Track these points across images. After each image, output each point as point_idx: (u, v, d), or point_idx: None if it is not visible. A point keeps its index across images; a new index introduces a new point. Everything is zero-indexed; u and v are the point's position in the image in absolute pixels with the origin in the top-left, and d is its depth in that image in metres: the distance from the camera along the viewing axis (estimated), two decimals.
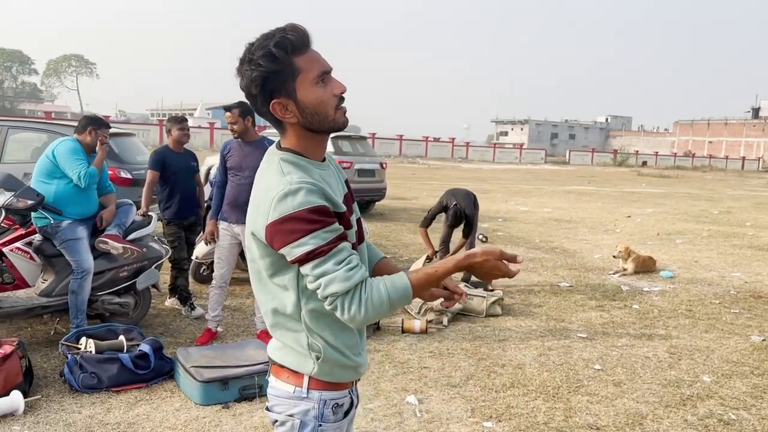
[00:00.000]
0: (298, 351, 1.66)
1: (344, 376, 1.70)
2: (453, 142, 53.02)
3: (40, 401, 3.69)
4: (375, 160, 12.80)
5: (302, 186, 1.53)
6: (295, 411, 1.67)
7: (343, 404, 1.72)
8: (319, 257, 1.51)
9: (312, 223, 1.51)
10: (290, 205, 1.51)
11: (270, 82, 1.58)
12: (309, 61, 1.60)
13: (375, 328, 5.29)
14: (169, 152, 5.46)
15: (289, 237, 1.51)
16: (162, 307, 5.71)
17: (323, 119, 1.63)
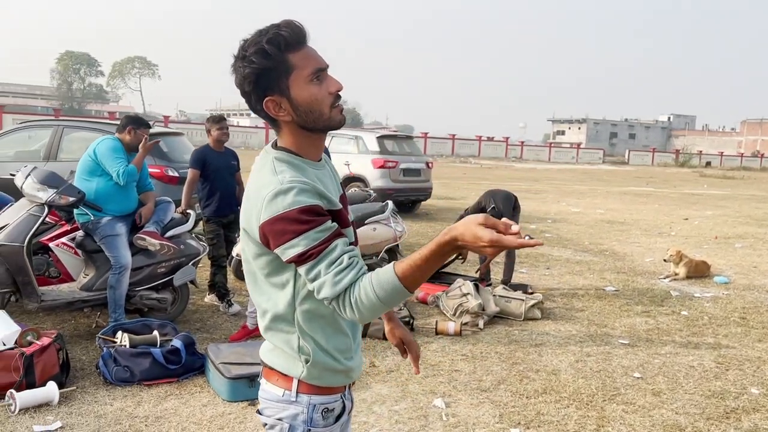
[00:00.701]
0: (288, 353, 1.64)
1: (334, 380, 1.67)
2: (507, 141, 52.31)
3: (75, 392, 3.80)
4: (421, 159, 12.74)
5: (293, 185, 1.50)
6: (283, 415, 1.65)
7: (334, 409, 1.68)
8: (312, 260, 1.47)
9: (303, 223, 1.47)
10: (281, 204, 1.48)
11: (263, 80, 1.55)
12: (303, 58, 1.57)
13: (409, 328, 5.25)
14: (209, 151, 5.56)
15: (281, 238, 1.48)
16: (201, 304, 5.82)
17: (318, 117, 1.59)
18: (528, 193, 19.52)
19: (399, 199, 12.36)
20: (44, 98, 70.45)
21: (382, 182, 11.72)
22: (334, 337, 1.65)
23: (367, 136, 12.50)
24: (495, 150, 50.25)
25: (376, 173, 11.73)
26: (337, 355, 1.65)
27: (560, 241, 10.49)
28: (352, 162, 12.04)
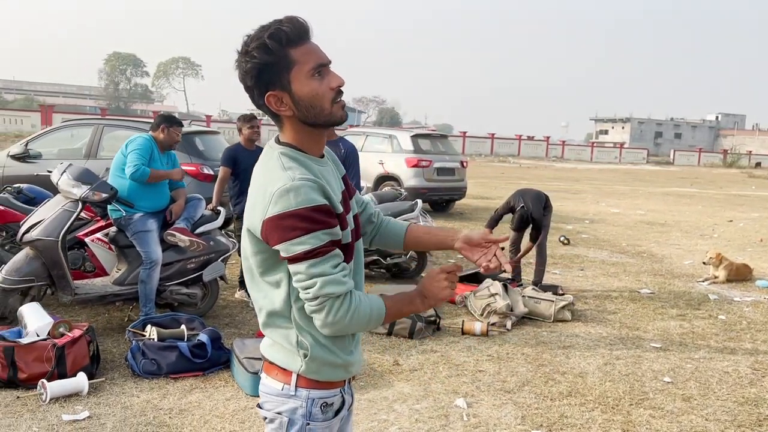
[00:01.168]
0: (287, 348, 1.65)
1: (333, 374, 1.67)
2: (548, 140, 51.61)
3: (104, 383, 3.91)
4: (455, 158, 12.67)
5: (305, 183, 1.51)
6: (283, 409, 1.66)
7: (333, 403, 1.69)
8: (317, 257, 1.50)
9: (314, 222, 1.49)
10: (292, 201, 1.49)
11: (265, 74, 1.57)
12: (305, 53, 1.57)
13: (435, 328, 5.23)
14: (240, 150, 5.64)
15: (289, 234, 1.49)
16: (231, 299, 5.91)
17: (319, 113, 1.60)
18: (567, 194, 19.24)
19: (433, 199, 12.35)
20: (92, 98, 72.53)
21: (416, 181, 11.71)
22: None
23: (402, 135, 12.50)
24: (535, 149, 49.62)
25: (410, 172, 11.72)
26: (336, 349, 1.66)
27: (596, 242, 10.31)
28: (386, 161, 12.06)
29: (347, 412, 1.82)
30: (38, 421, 3.38)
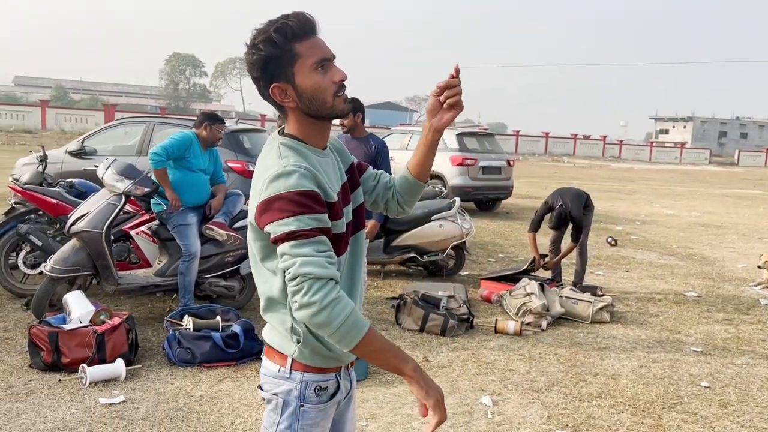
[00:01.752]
0: (282, 333, 1.71)
1: (325, 362, 1.71)
2: (604, 140, 50.40)
3: (141, 370, 4.07)
4: (501, 157, 12.54)
5: (296, 169, 1.55)
6: (279, 390, 1.72)
7: (327, 387, 1.73)
8: (300, 239, 1.52)
9: (300, 206, 1.53)
10: (282, 185, 1.53)
11: (270, 67, 1.62)
12: (309, 47, 1.62)
13: (468, 326, 5.22)
14: None
15: (276, 215, 1.53)
16: None
17: (321, 105, 1.64)
18: (620, 194, 18.80)
19: (478, 197, 12.28)
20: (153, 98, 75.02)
21: (461, 180, 11.66)
22: None
23: (447, 133, 12.42)
24: (591, 149, 48.56)
25: (455, 171, 11.67)
26: (327, 341, 1.69)
27: (646, 243, 10.04)
28: None
29: (346, 398, 1.86)
30: (77, 403, 3.56)
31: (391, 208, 2.02)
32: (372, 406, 3.75)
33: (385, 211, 2.05)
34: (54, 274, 4.53)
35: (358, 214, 1.83)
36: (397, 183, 1.99)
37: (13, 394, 3.62)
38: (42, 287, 4.59)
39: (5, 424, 3.27)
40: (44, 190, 5.53)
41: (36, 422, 3.31)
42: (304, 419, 1.71)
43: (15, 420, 3.32)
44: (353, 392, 1.91)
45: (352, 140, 4.96)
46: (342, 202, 1.71)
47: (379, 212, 2.08)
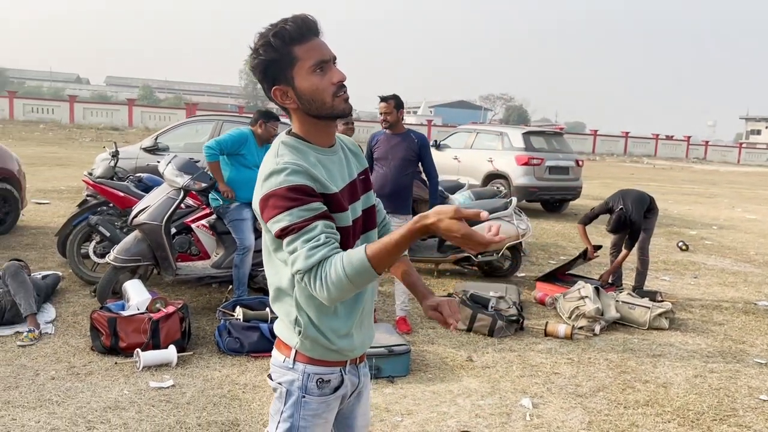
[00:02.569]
0: (287, 324, 1.76)
1: (327, 356, 1.75)
2: (688, 140, 48.13)
3: (192, 357, 4.26)
4: (569, 156, 12.23)
5: (287, 166, 1.61)
6: (283, 379, 1.78)
7: (330, 380, 1.77)
8: (292, 234, 1.57)
9: (290, 200, 1.58)
10: (273, 182, 1.59)
11: (270, 70, 1.68)
12: (307, 50, 1.67)
13: (518, 328, 5.15)
14: None
15: (271, 212, 1.60)
16: None
17: (320, 106, 1.69)
18: (700, 197, 17.97)
19: (544, 198, 12.04)
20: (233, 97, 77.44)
21: (526, 180, 11.46)
22: (328, 318, 1.72)
23: (513, 131, 12.28)
24: (674, 150, 46.49)
25: (520, 170, 11.49)
26: (329, 334, 1.73)
27: (720, 249, 9.57)
28: (496, 158, 11.91)
29: (355, 394, 1.89)
30: (129, 386, 3.76)
31: None
32: (409, 402, 3.78)
33: None
34: (117, 263, 4.79)
35: (369, 214, 1.87)
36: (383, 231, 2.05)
37: (73, 374, 3.87)
38: (106, 275, 4.87)
39: (63, 401, 3.51)
40: (113, 183, 5.85)
41: (90, 401, 3.53)
42: (306, 410, 1.76)
43: (72, 398, 3.55)
44: (364, 388, 1.93)
45: (393, 136, 4.99)
46: (348, 198, 1.75)
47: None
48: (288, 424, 1.77)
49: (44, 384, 3.70)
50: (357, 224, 1.78)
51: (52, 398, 3.53)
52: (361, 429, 2.00)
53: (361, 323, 1.82)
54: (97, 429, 3.22)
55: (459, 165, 12.52)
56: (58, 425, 3.23)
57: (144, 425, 3.29)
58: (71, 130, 30.57)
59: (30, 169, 14.14)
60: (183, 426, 3.32)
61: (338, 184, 1.72)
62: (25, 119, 33.36)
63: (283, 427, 1.78)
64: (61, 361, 4.03)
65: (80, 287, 5.64)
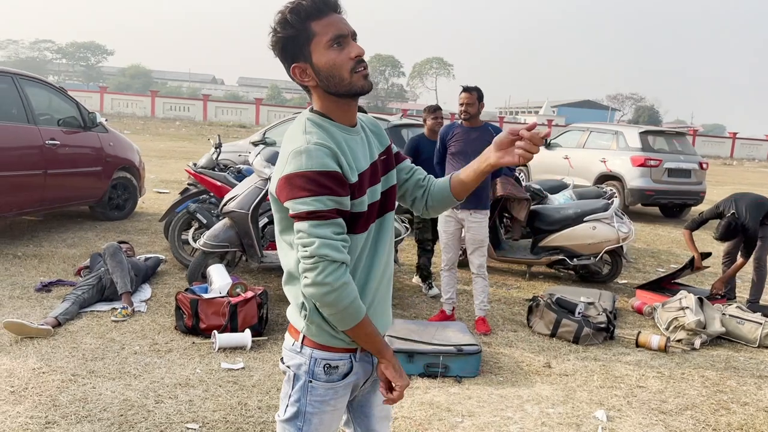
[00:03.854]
0: (294, 308, 1.74)
1: (333, 341, 1.70)
2: None
3: (266, 342, 4.36)
4: (692, 159, 11.34)
5: (319, 147, 1.56)
6: (291, 363, 1.75)
7: (338, 367, 1.72)
8: (319, 220, 1.54)
9: (321, 186, 1.54)
10: (305, 162, 1.54)
11: (288, 47, 1.65)
12: (325, 25, 1.62)
13: (608, 337, 4.84)
14: (423, 140, 5.80)
15: (297, 192, 1.55)
16: (407, 283, 6.12)
17: (339, 82, 1.64)
18: None
19: (661, 202, 11.28)
20: None
21: (641, 182, 10.76)
22: None
23: (628, 130, 11.57)
24: None
25: (635, 172, 10.81)
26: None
27: None
28: (609, 159, 11.30)
29: (369, 382, 1.84)
30: (203, 365, 3.92)
31: (417, 207, 1.99)
32: (473, 403, 3.65)
33: (410, 207, 2.03)
34: (206, 248, 5.02)
35: (388, 196, 1.80)
36: (434, 188, 1.96)
37: (154, 350, 4.09)
38: (195, 259, 5.12)
39: (140, 374, 3.71)
40: (213, 173, 6.14)
41: (165, 377, 3.71)
42: (313, 395, 1.73)
43: (149, 372, 3.76)
44: (372, 377, 1.85)
45: (471, 130, 4.83)
46: (369, 182, 1.69)
47: None
48: (295, 408, 1.75)
49: (127, 357, 3.94)
50: (374, 208, 1.72)
51: (131, 371, 3.75)
52: (380, 420, 1.95)
53: (373, 308, 1.75)
54: (164, 403, 3.37)
55: (569, 165, 12.02)
56: (130, 396, 3.42)
57: (207, 403, 3.41)
58: (203, 126, 32.64)
59: (159, 162, 15.31)
60: (244, 407, 3.40)
61: (361, 165, 1.67)
62: (163, 116, 36.14)
63: (291, 411, 1.75)
64: (146, 338, 4.28)
65: (179, 270, 5.96)
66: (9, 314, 4.45)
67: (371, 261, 1.74)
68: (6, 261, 5.88)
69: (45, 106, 6.99)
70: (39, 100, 6.86)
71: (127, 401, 3.36)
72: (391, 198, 1.83)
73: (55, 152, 6.67)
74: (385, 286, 1.80)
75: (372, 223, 1.73)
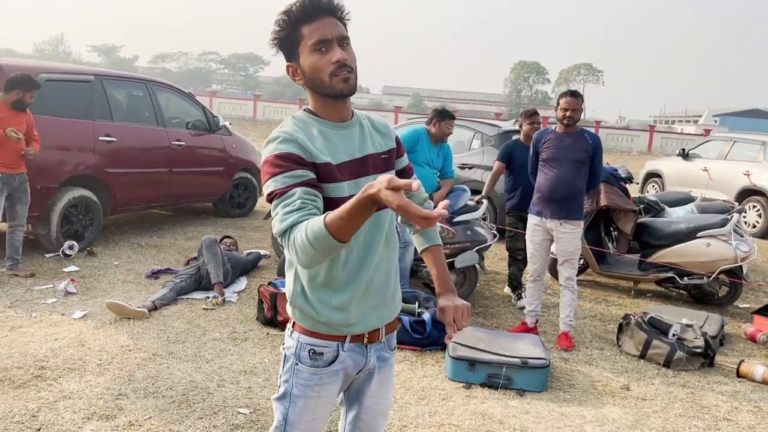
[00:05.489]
0: (288, 292, 1.82)
1: (317, 327, 1.76)
2: None
3: None
4: None
5: (279, 135, 1.67)
6: (285, 345, 1.85)
7: (323, 353, 1.77)
8: (276, 198, 1.61)
9: (276, 167, 1.63)
10: (267, 150, 1.68)
11: (283, 48, 1.75)
12: (312, 29, 1.69)
13: (706, 363, 4.42)
14: (518, 146, 5.64)
15: (264, 178, 1.67)
16: (498, 292, 5.97)
17: (319, 84, 1.71)
18: None
19: None
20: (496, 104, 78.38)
21: None
22: (319, 289, 1.73)
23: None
24: None
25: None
26: (318, 305, 1.73)
27: None
28: (755, 172, 10.25)
29: (364, 373, 1.86)
30: (272, 356, 4.09)
31: (407, 224, 2.06)
32: (528, 419, 3.50)
33: (401, 221, 2.06)
34: None
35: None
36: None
37: (231, 338, 4.35)
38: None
39: (213, 358, 3.96)
40: None
41: (234, 363, 3.93)
42: (299, 378, 1.79)
43: (221, 357, 4.00)
44: (378, 371, 1.89)
45: (565, 136, 4.59)
46: (352, 172, 1.73)
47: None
48: (283, 388, 1.83)
49: (205, 343, 4.22)
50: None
51: (205, 355, 4.01)
52: (374, 412, 1.97)
53: (365, 298, 1.77)
54: (225, 387, 3.57)
55: (708, 177, 11.07)
56: (196, 378, 3.67)
57: (264, 391, 3.56)
58: None
59: None
60: None
61: (338, 156, 1.72)
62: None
63: (281, 390, 1.84)
64: (227, 326, 4.56)
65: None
66: (117, 296, 4.94)
67: (364, 253, 1.76)
68: (130, 249, 6.52)
69: (175, 110, 7.66)
70: (169, 104, 7.54)
71: (193, 382, 3.61)
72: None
73: (180, 152, 7.29)
74: (380, 280, 1.82)
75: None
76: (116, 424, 3.09)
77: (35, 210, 5.61)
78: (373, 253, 1.77)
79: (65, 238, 6.01)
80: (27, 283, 5.15)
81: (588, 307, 5.74)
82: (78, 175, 6.08)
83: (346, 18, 1.77)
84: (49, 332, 4.18)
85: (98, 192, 6.33)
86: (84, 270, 5.62)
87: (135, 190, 6.79)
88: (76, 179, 6.09)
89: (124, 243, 6.73)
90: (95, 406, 3.25)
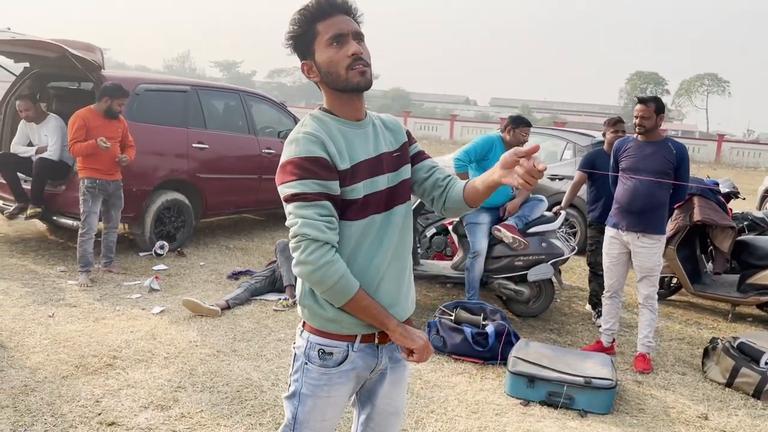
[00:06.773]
0: (297, 292, 1.84)
1: (326, 326, 1.76)
2: None
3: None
4: None
5: (306, 136, 1.68)
6: (295, 344, 1.87)
7: (333, 353, 1.77)
8: (304, 201, 1.64)
9: (305, 171, 1.65)
10: (293, 150, 1.68)
11: (298, 45, 1.78)
12: (328, 25, 1.72)
13: None
14: (600, 155, 5.38)
15: (285, 177, 1.68)
16: (579, 309, 5.69)
17: (336, 78, 1.72)
18: None
19: None
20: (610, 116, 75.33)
21: None
22: None
23: None
24: None
25: None
26: (323, 301, 1.73)
27: None
28: None
29: (376, 374, 1.86)
30: None
31: (436, 206, 1.98)
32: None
33: (430, 206, 2.02)
34: None
35: (396, 190, 1.83)
36: (452, 190, 1.93)
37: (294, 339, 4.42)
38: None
39: (272, 359, 4.04)
40: None
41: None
42: (308, 377, 1.80)
43: (281, 357, 4.06)
44: (390, 372, 1.88)
45: (646, 145, 4.31)
46: (367, 172, 1.74)
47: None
48: (293, 387, 1.85)
49: (269, 343, 4.33)
50: (374, 198, 1.75)
51: (266, 354, 4.11)
52: (387, 413, 1.96)
53: (376, 297, 1.75)
54: (278, 387, 3.64)
55: None
56: (252, 376, 3.76)
57: None
58: (446, 145, 33.85)
59: None
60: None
61: (359, 156, 1.74)
62: (415, 134, 38.25)
63: (291, 388, 1.86)
64: (293, 328, 4.65)
65: None
66: (196, 294, 5.18)
67: (374, 251, 1.76)
68: (218, 250, 6.83)
69: (267, 120, 7.97)
70: (262, 114, 7.85)
71: (249, 380, 3.71)
72: (400, 192, 1.85)
73: (269, 160, 7.55)
74: (393, 279, 1.81)
75: (375, 214, 1.76)
76: (169, 415, 3.23)
77: (131, 211, 6.01)
78: (385, 251, 1.77)
79: (158, 238, 6.39)
80: (118, 278, 5.52)
81: (677, 328, 5.35)
82: (171, 179, 6.45)
83: (359, 19, 1.79)
84: (127, 325, 4.45)
85: (190, 196, 6.69)
86: (171, 269, 5.95)
87: (225, 195, 7.11)
88: (170, 183, 6.47)
89: (213, 245, 7.06)
90: (153, 396, 3.41)
